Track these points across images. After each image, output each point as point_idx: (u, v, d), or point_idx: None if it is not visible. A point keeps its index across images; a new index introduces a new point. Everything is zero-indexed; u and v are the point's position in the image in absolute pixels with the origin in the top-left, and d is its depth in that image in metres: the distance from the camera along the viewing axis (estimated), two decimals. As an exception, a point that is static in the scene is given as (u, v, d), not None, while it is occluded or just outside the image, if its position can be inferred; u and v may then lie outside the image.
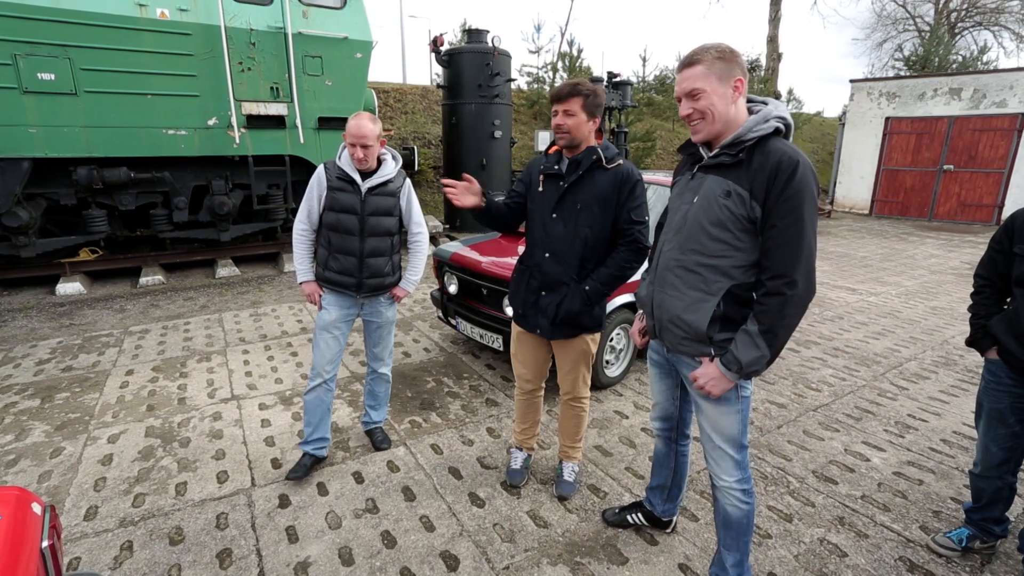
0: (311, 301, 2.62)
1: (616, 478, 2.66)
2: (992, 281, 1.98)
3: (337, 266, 2.52)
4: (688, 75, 1.55)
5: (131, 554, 2.13)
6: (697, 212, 1.61)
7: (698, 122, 1.57)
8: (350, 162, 2.45)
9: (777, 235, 1.48)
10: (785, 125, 1.53)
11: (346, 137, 2.41)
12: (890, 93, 12.45)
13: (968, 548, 2.15)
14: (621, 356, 3.68)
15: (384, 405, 2.91)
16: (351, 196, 2.46)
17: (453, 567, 2.08)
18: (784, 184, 1.45)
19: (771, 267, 1.50)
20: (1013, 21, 21.49)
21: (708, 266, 1.61)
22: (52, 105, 5.01)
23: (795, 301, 1.48)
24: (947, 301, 5.89)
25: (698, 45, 1.57)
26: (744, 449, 1.74)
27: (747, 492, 1.76)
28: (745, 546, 1.82)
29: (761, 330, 1.51)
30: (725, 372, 1.59)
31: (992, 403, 1.99)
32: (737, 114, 1.55)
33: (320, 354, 2.59)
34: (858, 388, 3.71)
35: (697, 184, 1.65)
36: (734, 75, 1.51)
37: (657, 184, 4.15)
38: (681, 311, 1.66)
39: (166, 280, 6.07)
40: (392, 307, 2.75)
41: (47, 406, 3.31)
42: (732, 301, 1.59)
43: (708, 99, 1.53)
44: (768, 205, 1.48)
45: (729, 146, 1.55)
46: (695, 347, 1.67)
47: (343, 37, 6.12)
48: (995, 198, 11.36)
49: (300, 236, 2.57)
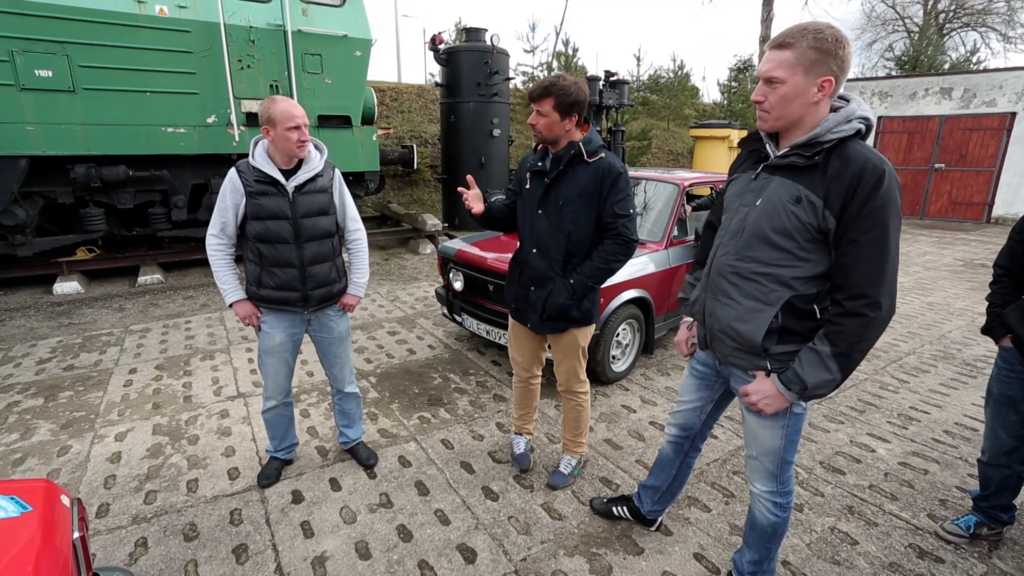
0: (248, 324, 2.32)
1: (627, 470, 2.68)
2: (1010, 271, 2.02)
3: (275, 281, 2.23)
4: (773, 58, 1.36)
5: (146, 550, 2.12)
6: (760, 217, 1.47)
7: (764, 112, 1.43)
8: (267, 160, 2.15)
9: (858, 251, 1.33)
10: (867, 126, 1.38)
11: (273, 126, 2.06)
12: (882, 92, 12.58)
13: (976, 535, 2.19)
14: (627, 351, 3.70)
15: (358, 421, 2.71)
16: (276, 199, 2.15)
17: (471, 559, 2.09)
18: (868, 195, 1.30)
19: (850, 286, 1.36)
20: (999, 22, 21.83)
21: (766, 275, 1.47)
22: (50, 102, 4.96)
23: (877, 324, 1.34)
24: (943, 297, 5.98)
25: (801, 23, 1.35)
26: (787, 464, 1.63)
27: (779, 505, 1.68)
28: (767, 551, 1.77)
29: (835, 352, 1.37)
30: (784, 391, 1.47)
31: (1003, 389, 2.03)
32: (816, 113, 1.38)
33: (270, 379, 2.39)
34: (860, 382, 3.75)
35: (761, 185, 1.49)
36: (824, 73, 1.32)
37: (656, 180, 4.18)
38: (734, 320, 1.53)
39: (165, 279, 6.02)
40: (344, 319, 2.48)
41: (51, 405, 3.28)
42: (791, 313, 1.46)
43: (783, 93, 1.36)
44: (847, 217, 1.33)
45: (803, 146, 1.39)
46: (749, 360, 1.55)
47: (343, 35, 6.10)
48: (985, 196, 11.52)
49: (216, 251, 2.22)
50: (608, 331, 3.39)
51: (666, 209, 3.98)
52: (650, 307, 3.67)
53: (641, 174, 4.38)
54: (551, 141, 2.14)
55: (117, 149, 5.33)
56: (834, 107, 1.42)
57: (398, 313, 5.12)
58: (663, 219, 3.93)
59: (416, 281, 6.29)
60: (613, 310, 3.37)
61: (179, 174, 5.89)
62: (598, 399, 3.40)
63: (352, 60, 6.26)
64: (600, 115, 10.19)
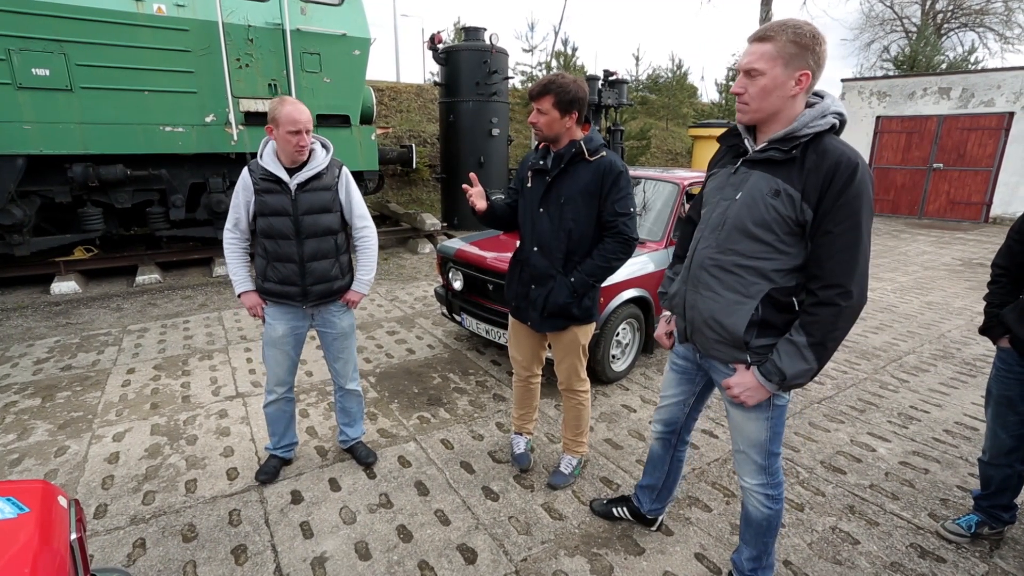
0: (253, 315, 2.41)
1: (627, 470, 2.67)
2: (1009, 271, 2.01)
3: (276, 275, 2.31)
4: (754, 51, 1.40)
5: (144, 551, 2.11)
6: (740, 210, 1.49)
7: (743, 104, 1.46)
8: (274, 160, 2.23)
9: (831, 242, 1.37)
10: (840, 121, 1.41)
11: (276, 127, 2.15)
12: (881, 92, 12.60)
13: (977, 534, 2.19)
14: (627, 351, 3.70)
15: (359, 420, 2.72)
16: (280, 197, 2.23)
17: (471, 560, 2.08)
18: (842, 188, 1.34)
19: (823, 275, 1.39)
20: (996, 23, 21.88)
21: (747, 267, 1.50)
22: (47, 101, 4.94)
23: (848, 313, 1.38)
24: (941, 296, 5.98)
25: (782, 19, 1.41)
26: (773, 456, 1.66)
27: (771, 497, 1.70)
28: (764, 545, 1.78)
29: (810, 342, 1.40)
30: (764, 383, 1.50)
31: (1002, 390, 2.03)
32: (793, 107, 1.42)
33: (271, 370, 2.44)
34: (860, 381, 3.75)
35: (741, 179, 1.52)
36: (802, 67, 1.36)
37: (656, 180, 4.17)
38: (716, 313, 1.56)
39: (163, 279, 6.00)
40: (348, 315, 2.53)
41: (48, 405, 3.26)
42: (771, 305, 1.49)
43: (763, 85, 1.39)
44: (822, 209, 1.37)
45: (780, 141, 1.42)
46: (730, 352, 1.57)
47: (341, 34, 6.08)
48: (983, 196, 11.54)
49: (230, 245, 2.35)
50: (608, 330, 3.38)
51: (666, 208, 3.97)
52: (650, 306, 3.66)
53: (641, 173, 4.38)
54: (552, 139, 2.15)
55: (115, 148, 5.31)
56: (809, 103, 1.45)
57: (397, 313, 5.11)
58: (663, 218, 3.93)
59: (415, 280, 6.28)
60: (613, 309, 3.36)
61: (177, 173, 5.87)
62: (598, 399, 3.40)
63: (351, 59, 6.25)
64: (599, 114, 10.19)
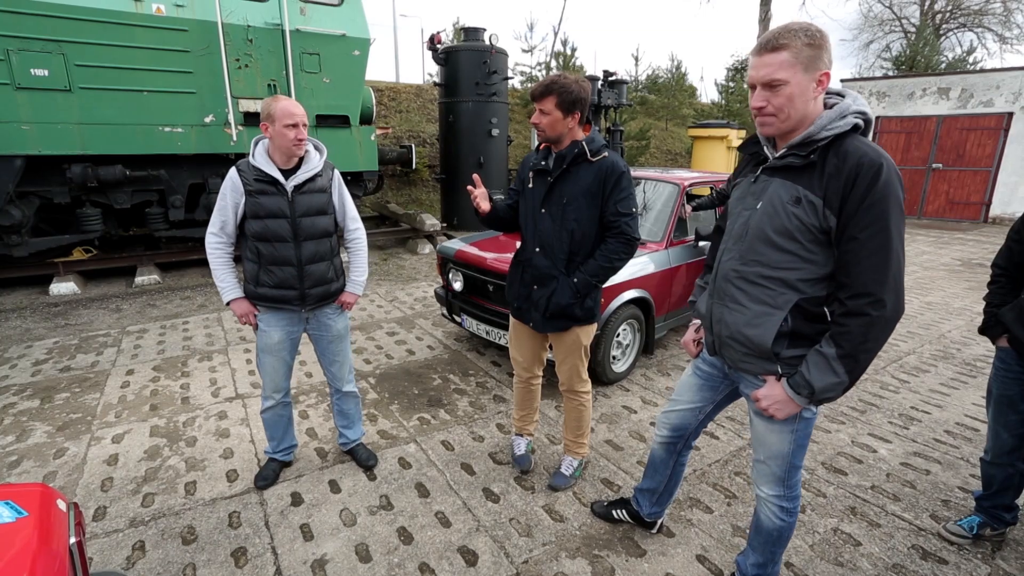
0: (245, 323, 2.33)
1: (628, 471, 2.66)
2: (1008, 271, 2.01)
3: (273, 280, 2.23)
4: (770, 61, 1.32)
5: (144, 554, 2.10)
6: (761, 219, 1.44)
7: (770, 117, 1.37)
8: (267, 159, 2.16)
9: (858, 248, 1.29)
10: (865, 121, 1.34)
11: (272, 123, 2.08)
12: (880, 92, 12.61)
13: (979, 535, 2.18)
14: (627, 351, 3.69)
15: (358, 422, 2.70)
16: (276, 198, 2.16)
17: (472, 562, 2.07)
18: (866, 190, 1.27)
19: (852, 284, 1.32)
20: (995, 23, 21.90)
21: (772, 278, 1.44)
22: (46, 101, 4.92)
23: (881, 323, 1.30)
24: (941, 296, 5.98)
25: (782, 25, 1.33)
26: (794, 469, 1.61)
27: (786, 510, 1.65)
28: (772, 555, 1.75)
29: (840, 354, 1.33)
30: (793, 396, 1.43)
31: (1002, 390, 2.03)
32: (814, 110, 1.36)
33: (268, 377, 2.40)
34: (860, 382, 3.75)
35: (761, 188, 1.47)
36: (821, 67, 1.31)
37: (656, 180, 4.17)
38: (743, 326, 1.50)
39: (162, 279, 5.98)
40: (342, 317, 2.49)
41: (47, 406, 3.25)
42: (801, 316, 1.42)
43: (788, 94, 1.32)
44: (846, 214, 1.30)
45: (799, 146, 1.37)
46: (760, 364, 1.51)
47: (341, 34, 6.07)
48: (982, 196, 11.55)
49: (215, 250, 2.23)
50: (608, 331, 3.38)
51: (666, 209, 3.97)
52: (650, 307, 3.65)
53: (641, 174, 4.37)
54: (555, 140, 2.14)
55: (114, 149, 5.29)
56: (828, 104, 1.39)
57: (397, 313, 5.10)
58: (663, 219, 3.92)
59: (415, 281, 6.27)
60: (613, 310, 3.36)
61: (176, 174, 5.85)
62: (598, 400, 3.39)
63: (350, 59, 6.24)
64: (599, 115, 10.19)
